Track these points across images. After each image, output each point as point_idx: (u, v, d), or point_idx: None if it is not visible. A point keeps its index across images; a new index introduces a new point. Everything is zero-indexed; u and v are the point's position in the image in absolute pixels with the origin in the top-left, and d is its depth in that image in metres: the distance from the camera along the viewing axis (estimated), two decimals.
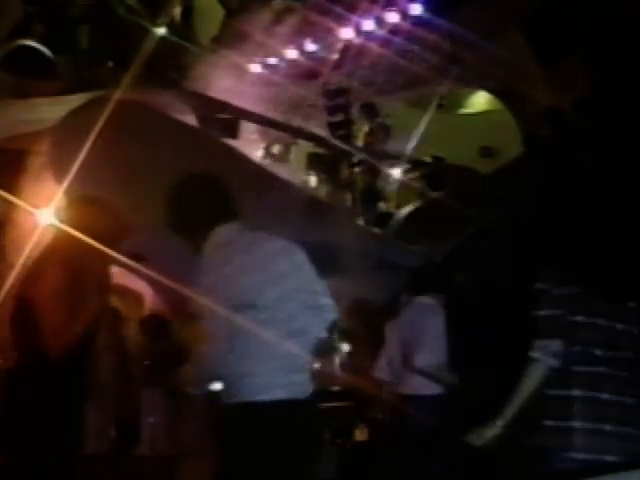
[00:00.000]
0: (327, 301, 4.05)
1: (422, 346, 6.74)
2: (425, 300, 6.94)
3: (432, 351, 6.74)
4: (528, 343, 4.36)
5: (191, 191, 4.09)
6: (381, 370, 7.06)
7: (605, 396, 4.22)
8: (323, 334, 4.02)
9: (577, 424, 4.18)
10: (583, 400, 4.22)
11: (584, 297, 4.30)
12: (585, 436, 4.17)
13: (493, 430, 4.28)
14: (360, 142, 12.58)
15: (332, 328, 4.11)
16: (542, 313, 4.34)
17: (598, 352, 4.26)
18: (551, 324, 4.30)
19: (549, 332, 4.29)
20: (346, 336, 8.91)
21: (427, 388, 6.75)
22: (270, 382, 3.80)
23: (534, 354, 4.29)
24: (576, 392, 4.24)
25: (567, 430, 4.19)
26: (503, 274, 7.94)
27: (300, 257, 3.98)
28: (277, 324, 3.82)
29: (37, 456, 4.50)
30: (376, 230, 11.49)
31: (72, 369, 4.62)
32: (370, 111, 12.52)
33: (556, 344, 4.26)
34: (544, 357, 4.26)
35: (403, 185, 12.74)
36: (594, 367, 4.25)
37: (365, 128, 12.55)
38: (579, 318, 4.27)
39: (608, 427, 4.17)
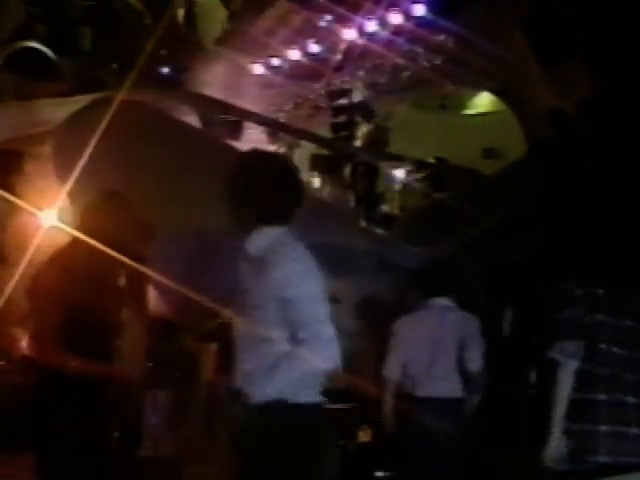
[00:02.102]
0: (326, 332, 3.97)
1: (474, 349, 6.65)
2: (443, 302, 6.82)
3: (480, 354, 6.66)
4: (544, 345, 4.34)
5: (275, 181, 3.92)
6: (392, 370, 6.89)
7: (630, 399, 4.20)
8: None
9: (602, 427, 4.17)
10: (608, 403, 4.20)
11: (608, 297, 4.28)
12: (610, 439, 4.16)
13: (557, 443, 4.24)
14: (360, 143, 12.58)
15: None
16: (562, 314, 4.31)
17: (622, 353, 4.24)
18: (572, 325, 4.27)
19: (569, 333, 4.26)
20: (349, 336, 8.88)
21: (450, 391, 6.67)
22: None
23: (555, 355, 4.26)
24: (601, 396, 4.22)
25: (592, 433, 4.18)
26: (507, 275, 7.93)
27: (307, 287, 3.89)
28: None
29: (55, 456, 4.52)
30: (379, 231, 11.48)
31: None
32: (365, 111, 12.49)
33: (574, 345, 4.24)
34: (564, 359, 4.23)
35: (406, 186, 12.74)
36: (619, 369, 4.23)
37: (363, 128, 12.53)
38: (602, 317, 4.25)
39: (633, 430, 4.16)
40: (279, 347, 3.79)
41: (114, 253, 4.49)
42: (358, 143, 12.54)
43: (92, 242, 4.49)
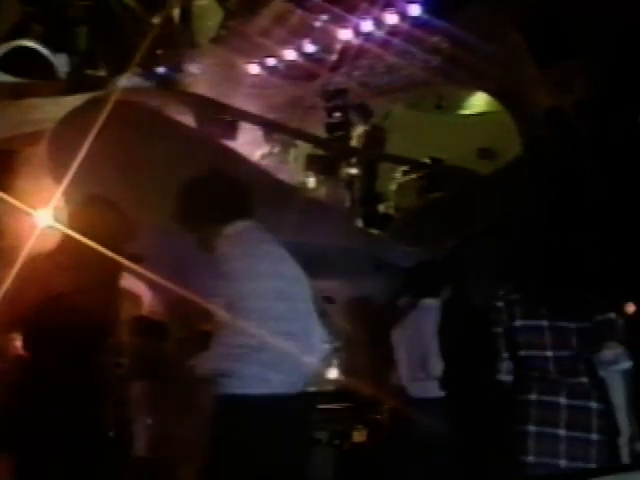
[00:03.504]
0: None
1: (435, 352, 6.65)
2: (429, 302, 6.83)
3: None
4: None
5: (206, 187, 4.08)
6: (403, 378, 6.87)
7: (562, 400, 4.23)
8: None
9: (531, 428, 4.21)
10: (538, 404, 4.24)
11: (523, 301, 4.32)
12: (538, 440, 4.19)
13: None
14: (356, 143, 12.58)
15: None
16: (493, 331, 4.41)
17: (549, 354, 4.27)
18: (499, 342, 4.36)
19: (500, 351, 4.36)
20: (344, 338, 8.90)
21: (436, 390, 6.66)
22: (255, 376, 3.83)
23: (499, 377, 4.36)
24: (532, 396, 4.26)
25: (522, 434, 4.22)
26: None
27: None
28: (268, 322, 3.84)
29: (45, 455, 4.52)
30: (375, 231, 11.48)
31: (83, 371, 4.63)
32: (363, 112, 12.51)
33: (505, 363, 4.33)
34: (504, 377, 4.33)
35: (402, 186, 12.74)
36: (546, 370, 4.26)
37: (360, 130, 12.54)
38: (518, 323, 4.30)
39: (561, 431, 4.19)
40: None
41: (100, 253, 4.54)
42: (354, 143, 12.54)
43: (77, 243, 4.54)
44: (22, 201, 8.44)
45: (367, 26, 11.35)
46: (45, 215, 7.60)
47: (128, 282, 9.94)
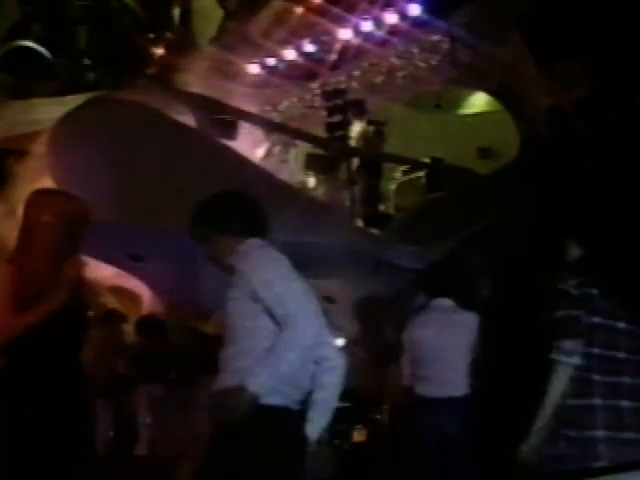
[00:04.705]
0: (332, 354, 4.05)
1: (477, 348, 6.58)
2: (447, 302, 6.69)
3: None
4: (543, 344, 4.32)
5: (225, 203, 4.09)
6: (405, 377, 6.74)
7: (625, 403, 4.18)
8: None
9: (599, 433, 4.15)
10: (604, 408, 4.18)
11: (604, 299, 4.26)
12: (607, 445, 4.14)
13: (535, 438, 4.22)
14: (356, 142, 12.59)
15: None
16: (561, 314, 4.28)
17: (620, 356, 4.22)
18: (571, 324, 4.24)
19: (569, 332, 4.24)
20: (344, 335, 8.89)
21: (453, 390, 6.56)
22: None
23: (556, 356, 4.23)
24: (597, 401, 4.20)
25: (589, 439, 4.16)
26: (502, 274, 7.92)
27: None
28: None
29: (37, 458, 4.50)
30: (375, 231, 11.48)
31: (71, 366, 4.62)
32: (358, 108, 12.49)
33: (576, 344, 4.21)
34: (566, 358, 4.20)
35: (402, 186, 12.75)
36: (615, 373, 4.21)
37: (357, 127, 12.54)
38: (597, 320, 4.22)
39: (629, 435, 4.15)
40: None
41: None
42: (353, 142, 12.55)
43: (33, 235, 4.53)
44: (21, 201, 8.46)
45: (367, 26, 11.36)
46: None
47: (128, 281, 9.99)
